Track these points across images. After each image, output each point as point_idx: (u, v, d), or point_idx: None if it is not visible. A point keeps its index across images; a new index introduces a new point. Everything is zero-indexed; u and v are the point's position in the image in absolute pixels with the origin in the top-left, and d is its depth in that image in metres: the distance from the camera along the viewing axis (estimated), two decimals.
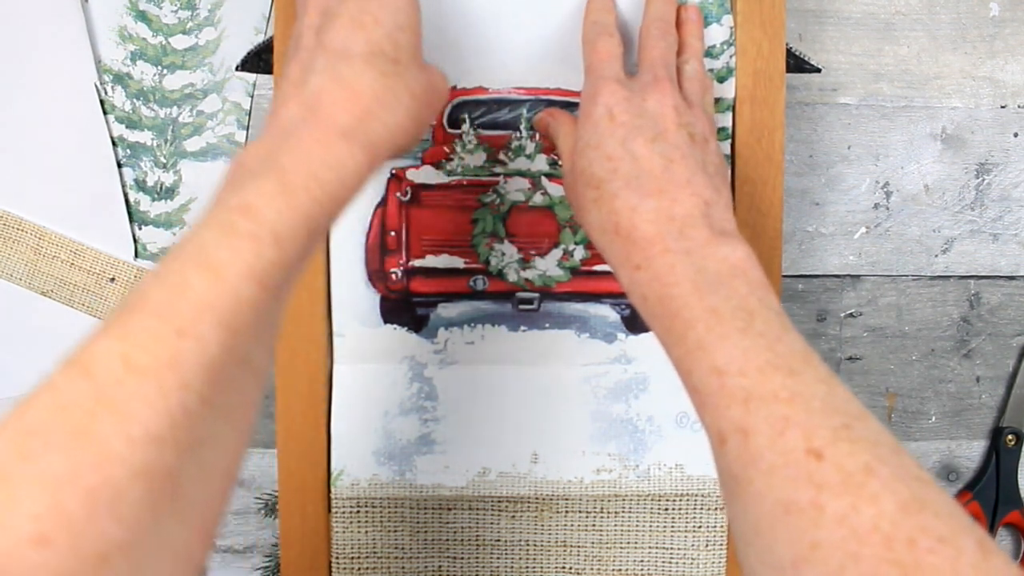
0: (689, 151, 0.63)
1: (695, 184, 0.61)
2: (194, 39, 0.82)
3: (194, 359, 0.44)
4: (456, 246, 0.75)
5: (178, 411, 0.43)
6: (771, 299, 0.56)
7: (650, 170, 0.61)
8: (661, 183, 0.60)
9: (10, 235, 0.81)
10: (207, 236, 0.48)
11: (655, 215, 0.59)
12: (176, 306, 0.45)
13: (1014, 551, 0.92)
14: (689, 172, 0.61)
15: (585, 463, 0.77)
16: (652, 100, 0.64)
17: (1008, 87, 0.88)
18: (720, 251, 0.58)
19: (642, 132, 0.62)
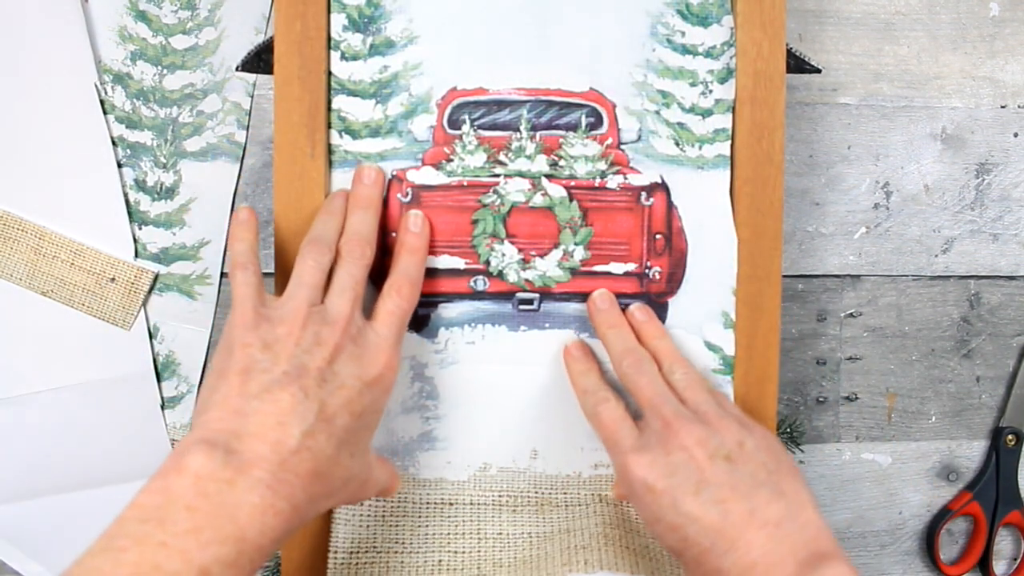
0: (734, 477, 0.63)
1: (759, 511, 0.61)
2: (194, 39, 0.82)
3: None
4: (456, 247, 0.75)
5: None
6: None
7: (711, 525, 0.61)
8: (728, 534, 0.60)
9: (10, 235, 0.81)
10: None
11: (738, 569, 0.59)
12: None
13: (1014, 551, 0.92)
14: (745, 502, 0.61)
15: (583, 458, 0.78)
16: (674, 451, 0.65)
17: (1008, 87, 0.88)
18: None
19: (684, 490, 0.62)
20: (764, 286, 0.76)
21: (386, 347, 0.67)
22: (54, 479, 0.82)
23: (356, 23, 0.74)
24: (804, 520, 0.61)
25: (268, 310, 0.65)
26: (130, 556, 0.53)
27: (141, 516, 0.55)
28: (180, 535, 0.54)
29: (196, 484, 0.56)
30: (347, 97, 0.74)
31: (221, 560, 0.54)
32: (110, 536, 0.54)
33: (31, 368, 0.82)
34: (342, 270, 0.68)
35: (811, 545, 0.59)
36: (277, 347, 0.63)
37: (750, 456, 0.65)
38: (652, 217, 0.76)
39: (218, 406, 0.61)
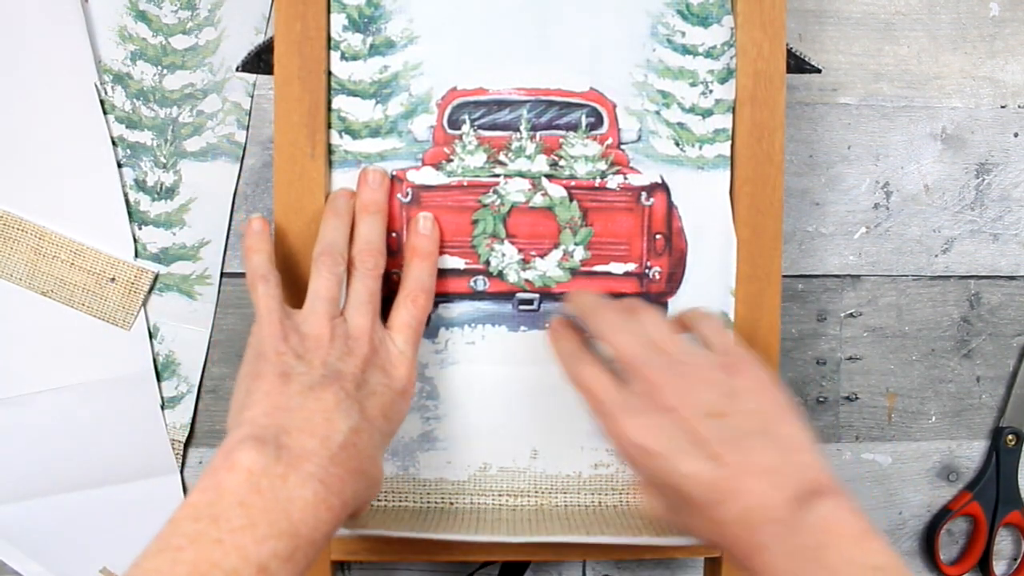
0: (724, 431, 0.62)
1: (753, 458, 0.60)
2: (194, 39, 0.82)
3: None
4: (456, 247, 0.75)
5: None
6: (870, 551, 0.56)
7: (707, 480, 0.60)
8: (723, 486, 0.60)
9: (10, 235, 0.81)
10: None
11: (736, 518, 0.59)
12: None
13: (1014, 551, 0.92)
14: (739, 453, 0.61)
15: (583, 458, 0.78)
16: (664, 413, 0.64)
17: (1008, 87, 0.88)
18: (802, 521, 0.57)
19: (678, 450, 0.62)
20: (764, 286, 0.76)
21: (406, 360, 0.69)
22: (54, 479, 0.82)
23: (356, 23, 0.74)
24: (799, 462, 0.61)
25: (293, 323, 0.66)
26: (187, 555, 0.53)
27: (194, 515, 0.55)
28: (236, 531, 0.54)
29: (248, 480, 0.56)
30: (347, 97, 0.74)
31: (278, 555, 0.54)
32: (164, 537, 0.54)
33: (31, 368, 0.82)
34: (358, 283, 0.69)
35: (807, 484, 0.59)
36: (309, 356, 0.64)
37: (740, 405, 0.64)
38: (652, 217, 0.76)
39: (259, 404, 0.61)
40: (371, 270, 0.70)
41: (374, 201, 0.73)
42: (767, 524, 0.58)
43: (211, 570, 0.52)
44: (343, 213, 0.72)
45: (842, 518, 0.57)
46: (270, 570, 0.54)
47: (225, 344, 0.84)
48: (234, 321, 0.84)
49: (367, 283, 0.69)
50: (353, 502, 0.61)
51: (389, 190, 0.74)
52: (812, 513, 0.57)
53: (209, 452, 0.84)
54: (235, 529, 0.54)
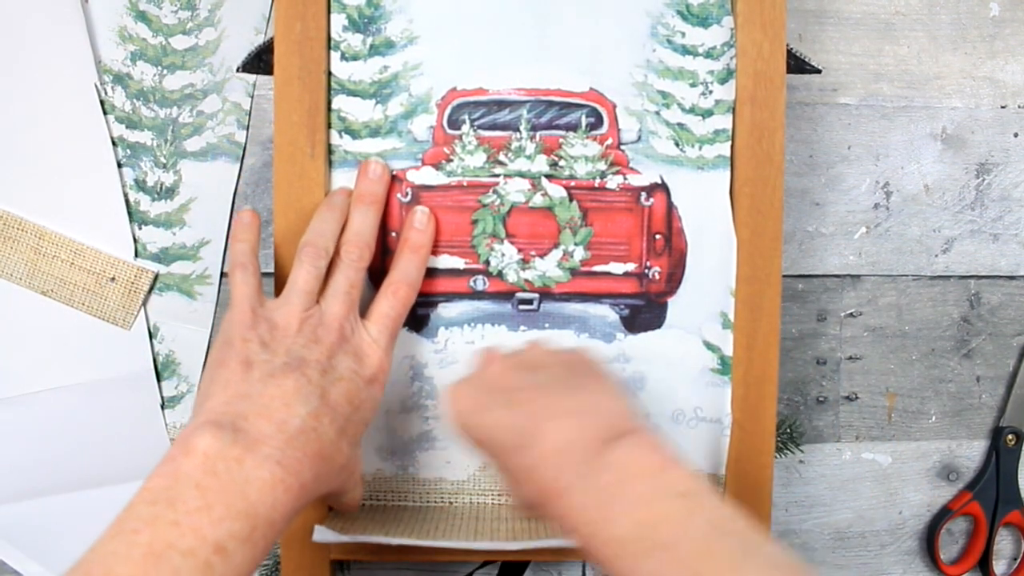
0: (535, 380, 0.65)
1: (560, 403, 0.62)
2: (194, 39, 0.82)
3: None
4: (456, 247, 0.75)
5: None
6: (672, 480, 0.56)
7: (515, 424, 0.62)
8: (530, 429, 0.61)
9: (10, 235, 0.81)
10: (184, 569, 0.53)
11: (543, 460, 0.60)
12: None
13: (1014, 551, 0.92)
14: (545, 398, 0.62)
15: None
16: (484, 374, 0.67)
17: (1008, 87, 0.88)
18: (606, 460, 0.58)
19: (493, 402, 0.64)
20: (764, 287, 0.76)
21: (379, 349, 0.69)
22: (54, 479, 0.82)
23: (356, 23, 0.74)
24: (606, 407, 0.62)
25: (265, 311, 0.67)
26: (143, 537, 0.53)
27: (151, 499, 0.55)
28: (192, 513, 0.54)
29: (205, 463, 0.56)
30: (347, 97, 0.74)
31: (235, 535, 0.55)
32: (121, 521, 0.55)
33: (31, 368, 0.82)
34: (339, 273, 0.69)
35: (609, 428, 0.59)
36: (275, 344, 0.65)
37: (554, 363, 0.67)
38: (652, 217, 0.76)
39: (221, 392, 0.62)
40: (355, 261, 0.70)
41: (371, 192, 0.73)
42: (571, 465, 0.58)
43: (167, 551, 0.52)
44: (337, 208, 0.72)
45: (643, 453, 0.58)
46: (227, 550, 0.54)
47: None
48: None
49: (348, 273, 0.69)
50: (315, 485, 0.61)
51: (389, 184, 0.74)
52: (614, 451, 0.58)
53: None
54: (191, 511, 0.54)
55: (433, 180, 0.75)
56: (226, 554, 0.54)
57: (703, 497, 0.55)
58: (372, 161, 0.74)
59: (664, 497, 0.55)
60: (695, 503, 0.55)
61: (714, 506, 0.55)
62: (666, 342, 0.77)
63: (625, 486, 0.56)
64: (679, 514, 0.54)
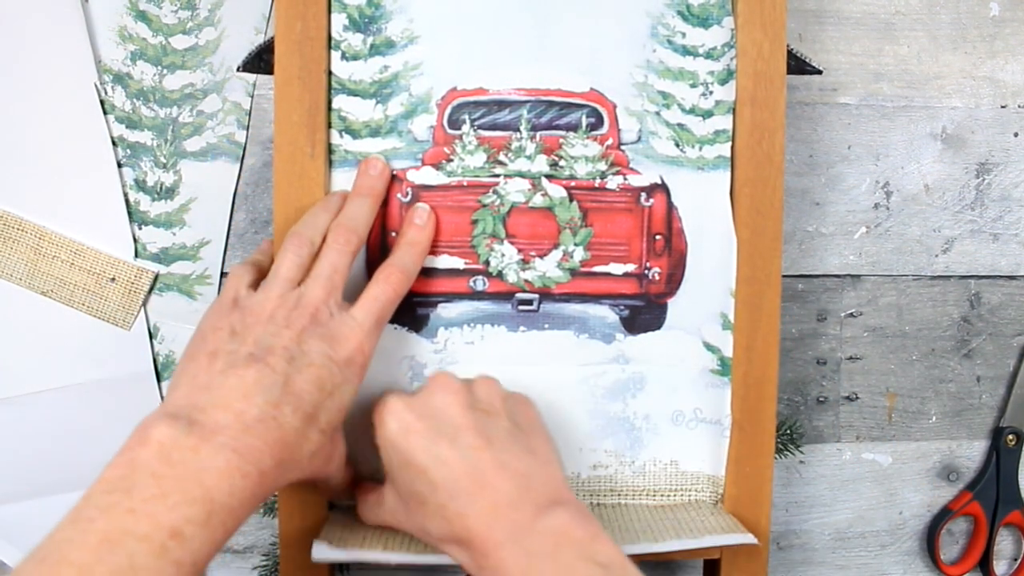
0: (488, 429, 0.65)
1: (508, 462, 0.63)
2: (194, 39, 0.82)
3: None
4: (456, 247, 0.75)
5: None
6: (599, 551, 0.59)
7: (461, 470, 0.62)
8: (476, 479, 0.62)
9: (10, 235, 0.81)
10: (139, 554, 0.53)
11: (482, 513, 0.61)
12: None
13: (1014, 551, 0.92)
14: (497, 453, 0.63)
15: (583, 459, 0.78)
16: (433, 397, 0.67)
17: (1008, 87, 0.88)
18: (541, 525, 0.60)
19: (440, 433, 0.64)
20: (764, 287, 0.76)
21: (359, 331, 0.68)
22: (54, 479, 0.82)
23: (356, 23, 0.74)
24: (548, 475, 0.64)
25: (244, 299, 0.67)
26: (99, 525, 0.53)
27: (107, 488, 0.55)
28: (148, 500, 0.54)
29: (160, 453, 0.56)
30: (347, 97, 0.74)
31: (191, 520, 0.55)
32: (78, 510, 0.55)
33: (31, 368, 0.82)
34: (323, 257, 0.69)
35: (551, 494, 0.62)
36: (244, 332, 0.65)
37: (506, 412, 0.67)
38: (652, 218, 0.76)
39: (182, 387, 0.62)
40: (341, 245, 0.69)
41: (369, 186, 0.73)
42: (505, 523, 0.60)
43: (123, 537, 0.53)
44: (331, 207, 0.72)
45: (576, 523, 0.60)
46: (184, 534, 0.54)
47: None
48: None
49: (332, 258, 0.68)
50: (277, 472, 0.61)
51: (388, 182, 0.74)
52: (550, 518, 0.60)
53: None
54: (147, 499, 0.54)
55: (433, 180, 0.75)
56: (182, 538, 0.54)
57: (626, 570, 0.58)
58: (373, 158, 0.74)
59: (589, 565, 0.58)
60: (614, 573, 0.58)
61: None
62: (666, 343, 0.77)
63: (556, 550, 0.59)
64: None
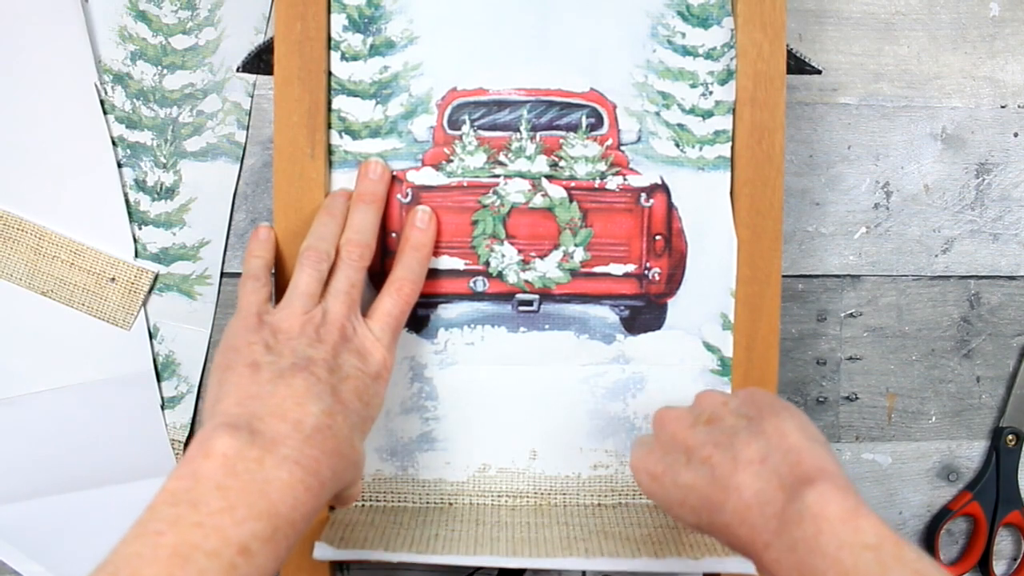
0: (713, 435, 0.63)
1: (740, 455, 0.60)
2: (194, 39, 0.82)
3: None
4: (456, 247, 0.75)
5: None
6: (862, 530, 0.54)
7: (704, 485, 0.61)
8: (719, 486, 0.60)
9: (10, 235, 0.81)
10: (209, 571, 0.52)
11: (738, 518, 0.59)
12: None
13: (1014, 551, 0.92)
14: (727, 451, 0.61)
15: (583, 459, 0.78)
16: (662, 435, 0.66)
17: (1008, 87, 0.88)
18: (795, 512, 0.55)
19: (677, 465, 0.63)
20: (764, 287, 0.76)
21: (381, 346, 0.69)
22: (54, 479, 0.82)
23: (356, 23, 0.74)
24: (786, 447, 0.59)
25: (269, 316, 0.67)
26: (168, 539, 0.53)
27: (172, 500, 0.55)
28: (215, 514, 0.54)
29: (224, 464, 0.56)
30: (347, 97, 0.74)
31: (258, 536, 0.54)
32: (143, 523, 0.54)
33: (31, 368, 0.82)
34: (340, 273, 0.69)
35: (795, 471, 0.57)
36: (279, 347, 0.65)
37: (729, 412, 0.64)
38: (652, 218, 0.76)
39: (231, 394, 0.62)
40: (355, 261, 0.70)
41: (371, 192, 0.73)
42: (764, 519, 0.57)
43: (192, 552, 0.52)
44: (337, 212, 0.72)
45: (830, 501, 0.55)
46: (251, 550, 0.54)
47: None
48: None
49: (348, 273, 0.69)
50: (332, 483, 0.61)
51: (389, 184, 0.74)
52: (802, 502, 0.55)
53: None
54: (214, 512, 0.54)
55: (433, 181, 0.75)
56: (249, 555, 0.54)
57: (899, 548, 0.53)
58: (372, 161, 0.74)
59: (854, 549, 0.53)
60: (890, 557, 0.52)
61: (913, 559, 0.53)
62: (666, 343, 0.77)
63: (817, 540, 0.54)
64: (874, 570, 0.52)
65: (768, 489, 0.58)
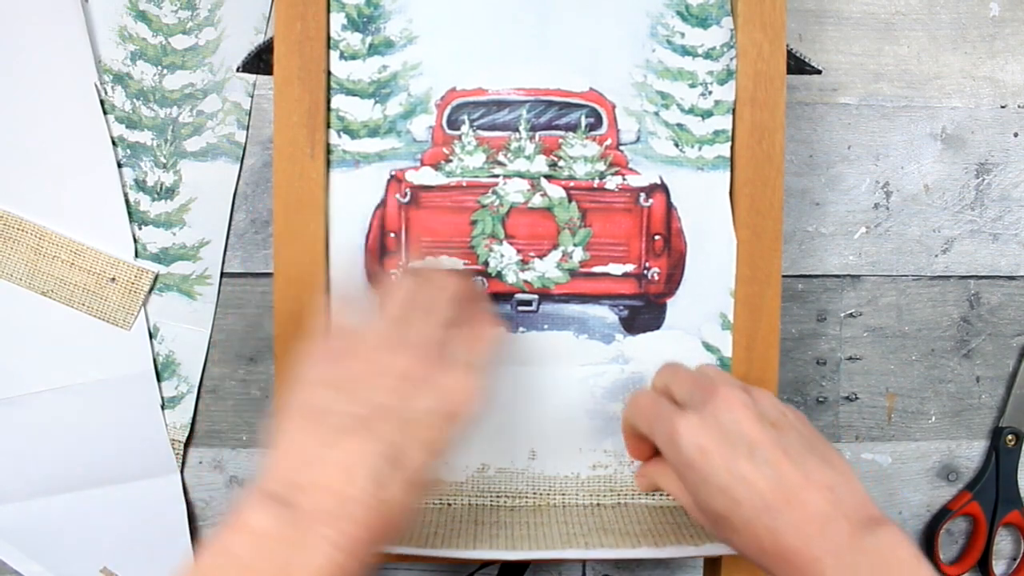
0: (783, 442, 0.62)
1: (811, 474, 0.60)
2: (194, 39, 0.82)
3: None
4: (455, 247, 0.75)
5: None
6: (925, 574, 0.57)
7: (765, 486, 0.60)
8: (782, 493, 0.60)
9: (10, 235, 0.81)
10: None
11: (793, 528, 0.59)
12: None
13: (1014, 551, 0.92)
14: (799, 466, 0.61)
15: (582, 459, 0.78)
16: (722, 413, 0.63)
17: (1008, 87, 0.88)
18: (866, 543, 0.58)
19: (737, 452, 0.62)
20: (764, 287, 0.76)
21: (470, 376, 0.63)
22: (54, 479, 0.82)
23: (355, 23, 0.74)
24: (853, 488, 0.61)
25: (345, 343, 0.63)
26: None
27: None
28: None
29: (254, 544, 0.54)
30: (346, 97, 0.74)
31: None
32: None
33: (31, 368, 0.82)
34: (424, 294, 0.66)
35: (862, 510, 0.59)
36: (350, 386, 0.60)
37: (792, 426, 0.64)
38: (651, 218, 0.76)
39: (284, 453, 0.58)
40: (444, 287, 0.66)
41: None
42: (825, 539, 0.58)
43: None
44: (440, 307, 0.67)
45: (903, 544, 0.58)
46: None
47: (225, 344, 0.84)
48: (234, 321, 0.84)
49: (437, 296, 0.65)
50: (372, 555, 0.57)
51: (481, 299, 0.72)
52: (874, 538, 0.58)
53: (209, 452, 0.84)
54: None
55: (432, 180, 0.75)
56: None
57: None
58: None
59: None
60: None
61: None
62: (665, 343, 0.77)
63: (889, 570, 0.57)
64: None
65: (833, 514, 0.59)
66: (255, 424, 0.85)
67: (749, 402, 0.64)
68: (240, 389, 0.84)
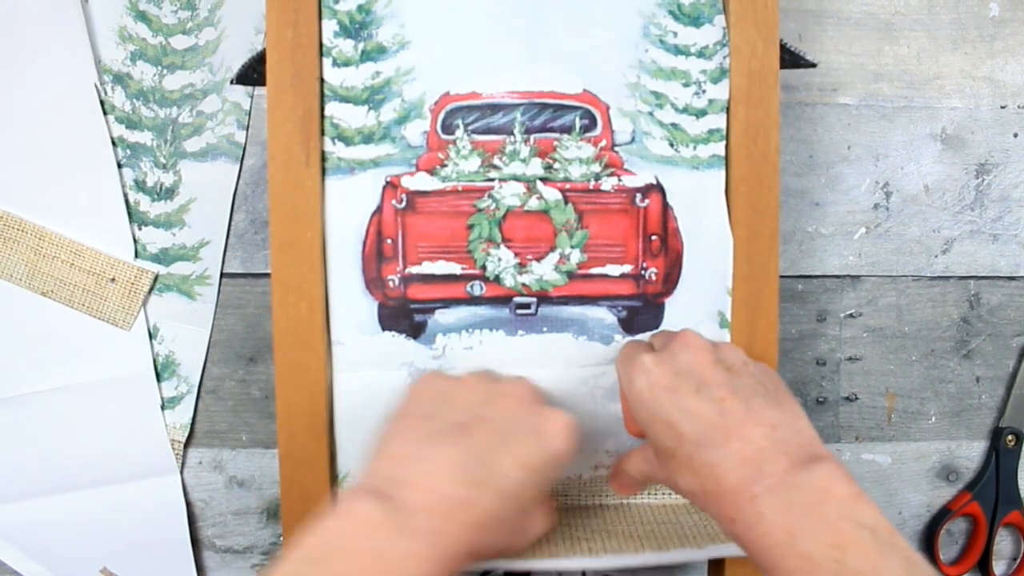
0: (733, 382, 0.64)
1: (756, 412, 0.62)
2: (194, 39, 0.82)
3: None
4: (453, 252, 0.75)
5: None
6: (863, 512, 0.56)
7: (707, 420, 0.62)
8: (723, 429, 0.61)
9: (10, 235, 0.81)
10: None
11: (731, 463, 0.60)
12: None
13: (1014, 551, 0.92)
14: (744, 403, 0.62)
15: (583, 460, 0.78)
16: (679, 353, 0.66)
17: (1008, 87, 0.87)
18: (801, 479, 0.58)
19: (686, 388, 0.64)
20: (762, 286, 0.75)
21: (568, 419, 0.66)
22: (54, 479, 0.83)
23: (347, 29, 0.74)
24: (799, 427, 0.62)
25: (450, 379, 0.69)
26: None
27: (306, 555, 0.56)
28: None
29: (358, 529, 0.57)
30: (340, 104, 0.74)
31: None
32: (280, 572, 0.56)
33: (31, 368, 0.82)
34: None
35: (805, 448, 0.60)
36: (453, 399, 0.66)
37: (750, 373, 0.66)
38: (647, 218, 0.76)
39: (388, 452, 0.63)
40: None
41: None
42: (764, 476, 0.59)
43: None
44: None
45: (838, 481, 0.58)
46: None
47: (225, 344, 0.84)
48: (234, 321, 0.84)
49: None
50: (469, 554, 0.60)
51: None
52: (810, 473, 0.58)
53: (208, 452, 0.85)
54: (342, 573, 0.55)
55: (428, 186, 0.75)
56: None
57: (893, 536, 0.56)
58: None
59: (854, 526, 0.56)
60: (886, 540, 0.55)
61: (905, 547, 0.56)
62: None
63: (820, 508, 0.57)
64: (870, 546, 0.55)
65: (772, 451, 0.60)
66: (255, 424, 0.85)
67: (708, 347, 0.67)
68: (240, 389, 0.85)
